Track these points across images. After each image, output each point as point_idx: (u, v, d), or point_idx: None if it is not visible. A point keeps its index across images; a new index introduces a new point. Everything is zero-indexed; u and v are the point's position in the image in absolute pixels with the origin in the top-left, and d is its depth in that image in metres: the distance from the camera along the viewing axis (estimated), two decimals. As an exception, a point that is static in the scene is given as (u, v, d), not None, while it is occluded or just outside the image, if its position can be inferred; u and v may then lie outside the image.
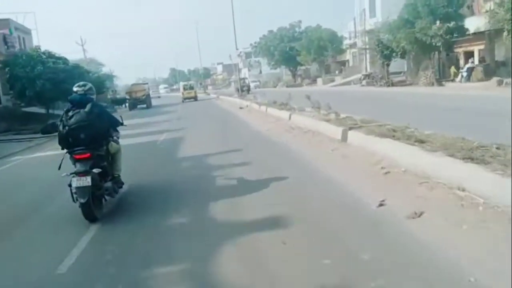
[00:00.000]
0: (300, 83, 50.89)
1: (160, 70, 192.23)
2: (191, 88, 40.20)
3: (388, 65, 29.72)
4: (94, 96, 5.19)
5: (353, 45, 46.48)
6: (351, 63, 49.30)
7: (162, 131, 14.48)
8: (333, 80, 43.51)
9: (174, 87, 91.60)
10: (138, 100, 36.27)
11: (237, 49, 28.73)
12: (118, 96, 45.17)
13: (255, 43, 51.43)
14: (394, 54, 28.56)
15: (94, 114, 4.84)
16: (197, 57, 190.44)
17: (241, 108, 21.42)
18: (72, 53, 45.01)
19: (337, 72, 50.38)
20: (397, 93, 22.22)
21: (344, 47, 46.07)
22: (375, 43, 29.03)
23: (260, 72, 71.25)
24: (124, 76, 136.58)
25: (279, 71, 60.12)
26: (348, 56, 49.02)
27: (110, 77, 60.59)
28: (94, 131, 4.85)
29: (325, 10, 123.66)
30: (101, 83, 34.05)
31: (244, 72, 78.99)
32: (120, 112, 35.04)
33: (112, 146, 5.43)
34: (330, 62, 49.39)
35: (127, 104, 38.06)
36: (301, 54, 45.61)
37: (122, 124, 5.68)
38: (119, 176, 5.61)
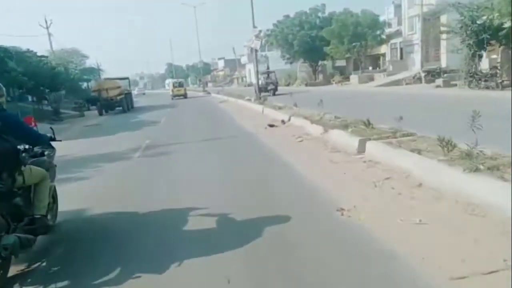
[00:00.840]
0: (324, 81, 40.77)
1: (158, 66, 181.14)
2: (181, 85, 41.51)
3: (480, 56, 19.79)
4: (2, 100, 3.42)
5: (394, 34, 36.55)
6: (388, 57, 39.32)
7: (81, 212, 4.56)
8: (372, 79, 33.42)
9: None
10: (112, 102, 25.83)
11: (255, 26, 18.57)
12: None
13: (267, 30, 41.21)
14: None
15: None
16: (196, 51, 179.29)
17: (272, 126, 11.48)
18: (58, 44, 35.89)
19: (370, 68, 40.39)
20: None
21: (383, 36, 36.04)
22: (465, 22, 18.99)
23: (268, 68, 61.28)
24: (118, 71, 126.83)
25: (290, 67, 50.09)
26: (384, 48, 38.99)
27: (94, 70, 52.45)
28: None
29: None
30: (55, 77, 24.14)
31: (249, 68, 68.87)
32: (93, 115, 26.14)
33: (32, 173, 3.47)
34: (362, 56, 38.99)
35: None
36: (330, 43, 35.33)
37: (54, 139, 3.99)
38: (42, 217, 3.45)
